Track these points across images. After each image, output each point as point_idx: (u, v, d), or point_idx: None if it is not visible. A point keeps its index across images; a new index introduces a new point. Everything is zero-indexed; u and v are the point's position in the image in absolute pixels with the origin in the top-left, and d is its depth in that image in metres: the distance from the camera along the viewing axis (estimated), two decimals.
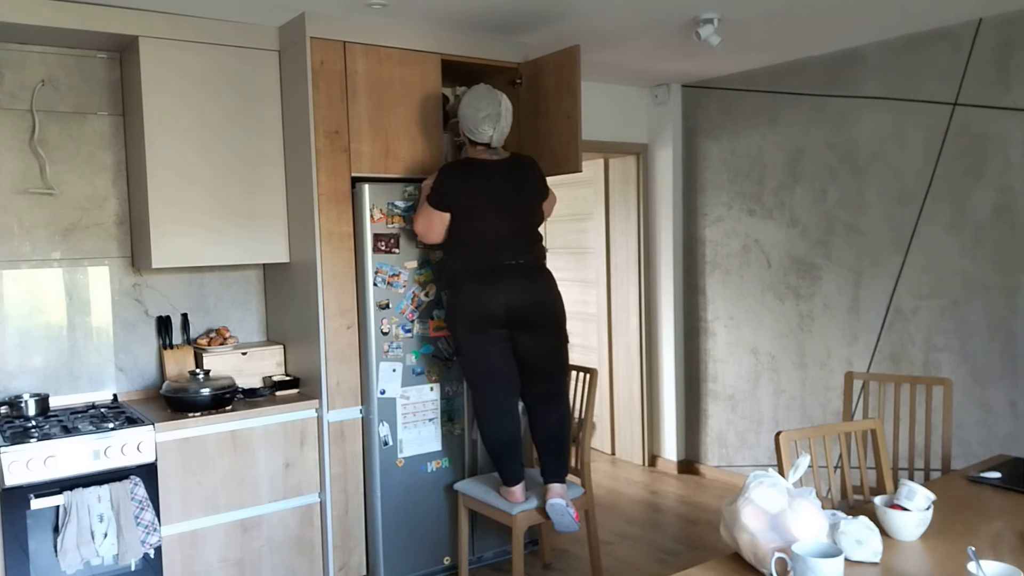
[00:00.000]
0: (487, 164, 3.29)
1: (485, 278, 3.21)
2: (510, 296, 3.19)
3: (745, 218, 4.79)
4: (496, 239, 3.23)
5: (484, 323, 3.21)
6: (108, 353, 3.50)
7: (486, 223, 3.23)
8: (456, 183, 3.26)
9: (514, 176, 3.31)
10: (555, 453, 3.30)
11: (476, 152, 3.32)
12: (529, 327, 3.24)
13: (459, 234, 3.25)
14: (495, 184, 3.26)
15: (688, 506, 4.64)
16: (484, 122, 3.22)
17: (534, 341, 3.27)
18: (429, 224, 3.27)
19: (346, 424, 3.48)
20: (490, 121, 3.22)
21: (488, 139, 3.25)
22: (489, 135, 3.24)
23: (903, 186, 4.01)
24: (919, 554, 1.92)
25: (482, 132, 3.24)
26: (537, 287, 3.27)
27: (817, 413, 4.49)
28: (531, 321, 3.24)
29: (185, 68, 3.31)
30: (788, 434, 2.53)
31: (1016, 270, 3.63)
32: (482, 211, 3.23)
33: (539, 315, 3.25)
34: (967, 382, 3.81)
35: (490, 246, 3.23)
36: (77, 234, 3.42)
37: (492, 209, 3.24)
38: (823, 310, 4.41)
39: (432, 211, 3.25)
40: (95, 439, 2.89)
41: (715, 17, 3.49)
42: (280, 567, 3.37)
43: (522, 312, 3.21)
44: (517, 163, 3.36)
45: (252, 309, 3.86)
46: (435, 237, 3.29)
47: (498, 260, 3.22)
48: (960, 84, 3.77)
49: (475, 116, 3.23)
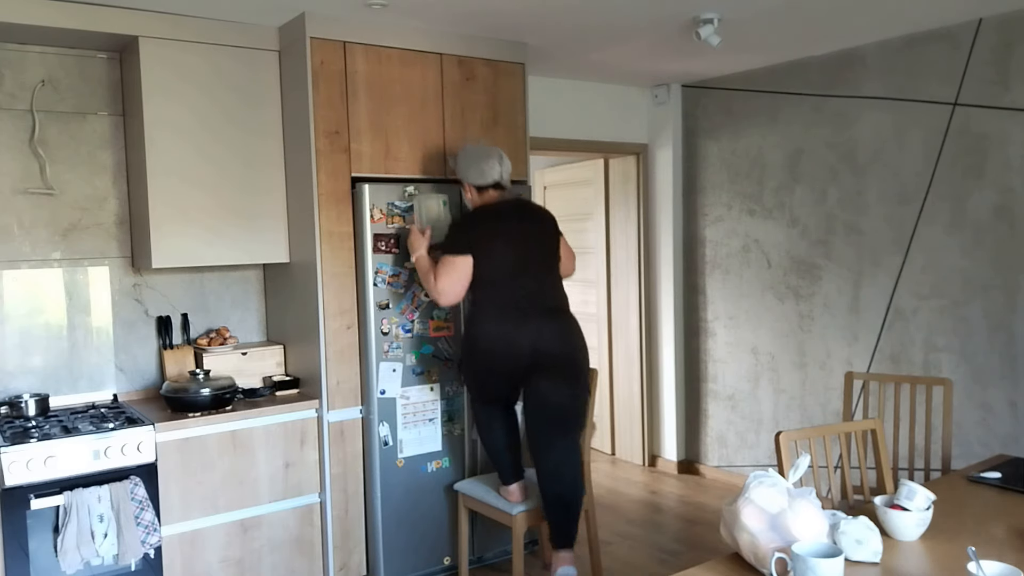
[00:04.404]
0: (498, 206, 3.23)
1: (511, 315, 3.10)
2: (536, 337, 3.09)
3: (745, 218, 4.79)
4: (520, 276, 3.14)
5: (504, 362, 3.12)
6: (108, 353, 3.50)
7: (508, 260, 3.13)
8: (472, 226, 3.18)
9: (527, 215, 3.26)
10: (564, 514, 3.15)
11: (485, 199, 3.26)
12: (550, 373, 3.10)
13: (481, 274, 3.12)
14: (511, 223, 3.19)
15: (688, 506, 4.64)
16: (488, 162, 3.20)
17: (553, 390, 3.11)
18: (452, 274, 3.10)
19: (346, 424, 3.48)
20: (495, 159, 3.21)
21: (497, 176, 3.22)
22: (498, 172, 3.21)
23: (903, 186, 4.01)
24: (919, 554, 1.92)
25: (489, 171, 3.21)
26: (563, 331, 3.16)
27: (817, 413, 4.49)
28: (553, 367, 3.10)
29: (185, 68, 3.31)
30: (788, 434, 2.53)
31: (1016, 270, 3.63)
32: (502, 249, 3.13)
33: (563, 362, 3.12)
34: (967, 382, 3.81)
35: (515, 283, 3.13)
36: (77, 234, 3.42)
37: (512, 246, 3.15)
38: (823, 310, 4.41)
39: (453, 259, 3.11)
40: (95, 439, 2.89)
41: (715, 17, 3.49)
42: (280, 567, 3.37)
43: (546, 355, 3.09)
44: (527, 204, 3.35)
45: (252, 309, 3.86)
46: (460, 289, 3.12)
47: (524, 297, 3.13)
48: (960, 84, 3.77)
49: (478, 162, 3.21)
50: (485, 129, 3.81)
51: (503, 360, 3.12)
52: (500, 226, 3.17)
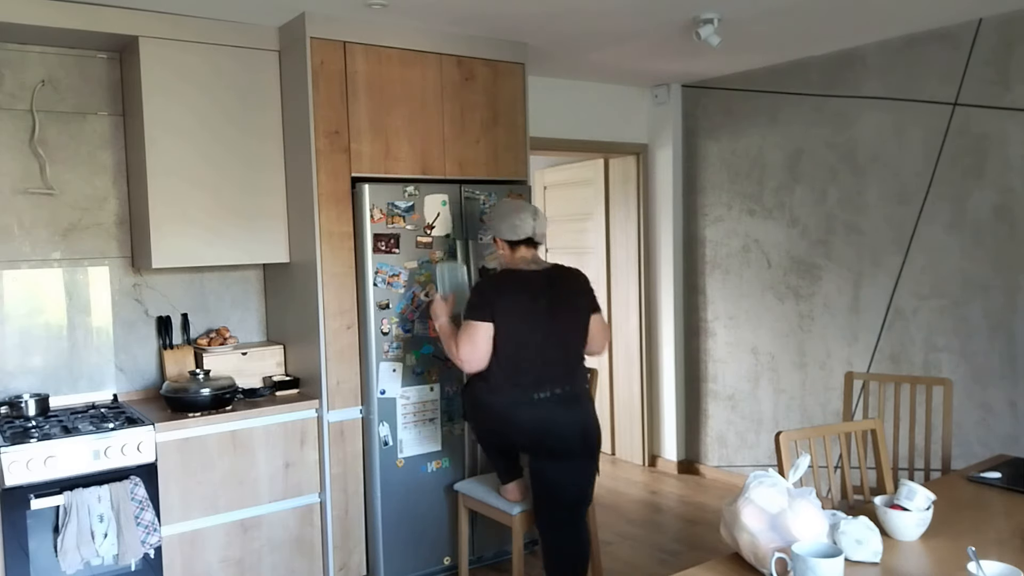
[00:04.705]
0: (528, 274, 3.01)
1: (523, 397, 2.93)
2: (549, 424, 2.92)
3: (745, 218, 4.79)
4: (534, 362, 2.93)
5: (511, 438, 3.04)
6: (108, 353, 3.50)
7: (523, 340, 2.92)
8: (494, 291, 2.98)
9: (559, 287, 3.02)
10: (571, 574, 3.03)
11: (515, 261, 3.06)
12: (559, 457, 2.96)
13: (499, 344, 2.92)
14: (537, 295, 2.96)
15: (688, 506, 4.64)
16: (521, 215, 3.02)
17: (562, 472, 2.98)
18: (473, 341, 2.91)
19: (346, 424, 3.48)
20: (527, 214, 3.03)
21: (530, 231, 3.02)
22: (530, 227, 3.01)
23: (903, 186, 4.01)
24: (919, 554, 1.92)
25: (522, 225, 3.01)
26: (577, 419, 2.98)
27: (817, 413, 4.49)
28: (563, 452, 2.96)
29: (185, 68, 3.31)
30: (788, 434, 2.53)
31: (1016, 270, 3.63)
32: (520, 325, 2.93)
33: (574, 445, 2.97)
34: (967, 382, 3.81)
35: (526, 369, 2.92)
36: (77, 234, 3.43)
37: (535, 323, 2.93)
38: (823, 310, 4.41)
39: (475, 325, 2.92)
40: (95, 439, 2.89)
41: (715, 17, 3.49)
42: (280, 567, 3.37)
43: (558, 440, 2.94)
44: (562, 273, 3.08)
45: (252, 309, 3.86)
46: (482, 356, 2.92)
47: (534, 389, 2.92)
48: (960, 84, 3.77)
49: (510, 216, 3.03)
50: (485, 129, 3.81)
51: (509, 435, 3.03)
52: (526, 297, 2.95)
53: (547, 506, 3.05)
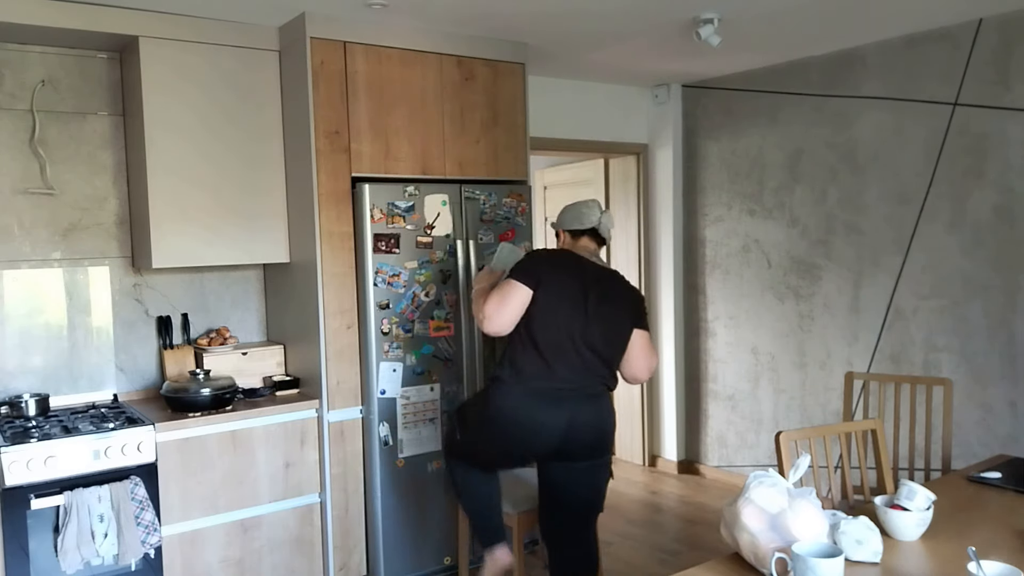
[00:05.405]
0: (586, 262, 2.82)
1: (543, 393, 2.70)
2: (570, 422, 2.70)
3: (745, 218, 4.79)
4: (564, 350, 2.69)
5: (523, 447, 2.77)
6: (108, 353, 3.50)
7: (559, 323, 2.69)
8: (548, 263, 2.78)
9: (615, 288, 2.83)
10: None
11: (578, 248, 2.90)
12: (574, 458, 2.76)
13: (528, 328, 2.70)
14: (589, 286, 2.74)
15: (688, 506, 4.64)
16: (589, 206, 2.91)
17: (576, 471, 2.78)
18: (506, 300, 2.67)
19: (346, 424, 3.48)
20: (595, 207, 2.91)
21: (596, 222, 2.88)
22: (596, 218, 2.88)
23: (903, 186, 4.01)
24: (919, 554, 1.92)
25: (589, 214, 2.89)
26: (599, 414, 2.77)
27: (817, 413, 4.49)
28: (579, 452, 2.75)
29: (185, 68, 3.31)
30: (788, 434, 2.53)
31: (1016, 270, 3.63)
32: (560, 305, 2.70)
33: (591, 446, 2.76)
34: (967, 382, 3.81)
35: (559, 358, 2.69)
36: (77, 234, 3.43)
37: (572, 309, 2.70)
38: (823, 310, 4.41)
39: (514, 285, 2.69)
40: (95, 439, 2.89)
41: (715, 17, 3.49)
42: (280, 567, 3.37)
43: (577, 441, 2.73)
44: (620, 279, 2.89)
45: (252, 309, 3.86)
46: (507, 321, 2.68)
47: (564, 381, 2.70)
48: (960, 84, 3.77)
49: (578, 208, 2.92)
50: (485, 129, 3.81)
51: (523, 443, 2.76)
52: (576, 283, 2.73)
53: (559, 514, 2.87)
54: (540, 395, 2.70)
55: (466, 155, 3.76)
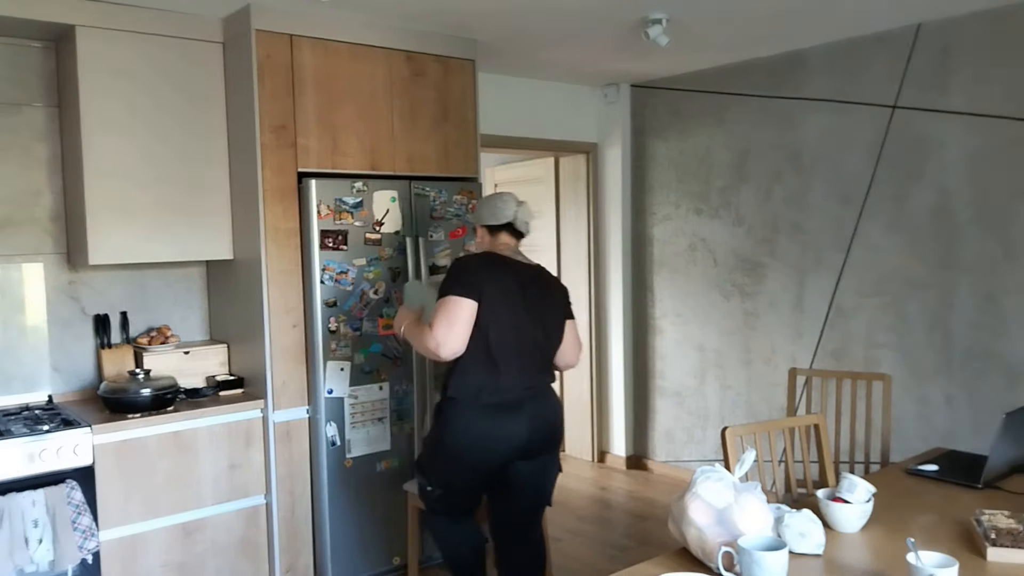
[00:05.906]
0: (512, 262, 2.78)
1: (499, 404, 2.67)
2: (531, 424, 2.71)
3: (692, 217, 4.85)
4: (517, 353, 2.69)
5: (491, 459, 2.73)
6: (43, 353, 3.38)
7: (511, 329, 2.67)
8: (483, 269, 2.70)
9: (544, 283, 2.84)
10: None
11: (499, 246, 2.82)
12: (530, 456, 2.76)
13: (479, 340, 2.63)
14: (524, 285, 2.74)
15: (637, 502, 4.68)
16: (503, 199, 2.81)
17: (530, 468, 2.77)
18: (453, 318, 2.58)
19: (292, 424, 3.42)
20: (510, 200, 2.82)
21: (511, 216, 2.78)
22: (512, 212, 2.78)
23: (845, 186, 4.10)
24: (861, 545, 1.96)
25: (504, 208, 2.78)
26: (550, 412, 2.81)
27: (762, 408, 4.56)
28: (536, 450, 2.77)
29: (124, 59, 3.21)
30: (734, 429, 2.56)
31: (953, 269, 3.73)
32: (511, 312, 2.68)
33: (546, 441, 2.79)
34: (905, 377, 3.91)
35: (512, 362, 2.68)
36: (9, 230, 3.30)
37: (515, 313, 2.68)
38: (768, 307, 4.49)
39: (457, 302, 2.59)
40: (29, 442, 2.79)
41: (664, 17, 3.53)
42: (224, 570, 3.30)
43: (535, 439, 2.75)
44: (545, 273, 2.89)
45: (195, 307, 3.77)
46: (460, 340, 2.60)
47: (520, 385, 2.70)
48: (900, 87, 3.87)
49: (492, 202, 2.82)
50: (435, 125, 3.78)
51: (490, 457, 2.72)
52: (513, 284, 2.71)
53: (510, 510, 2.87)
54: (497, 409, 2.69)
55: (416, 151, 3.73)
